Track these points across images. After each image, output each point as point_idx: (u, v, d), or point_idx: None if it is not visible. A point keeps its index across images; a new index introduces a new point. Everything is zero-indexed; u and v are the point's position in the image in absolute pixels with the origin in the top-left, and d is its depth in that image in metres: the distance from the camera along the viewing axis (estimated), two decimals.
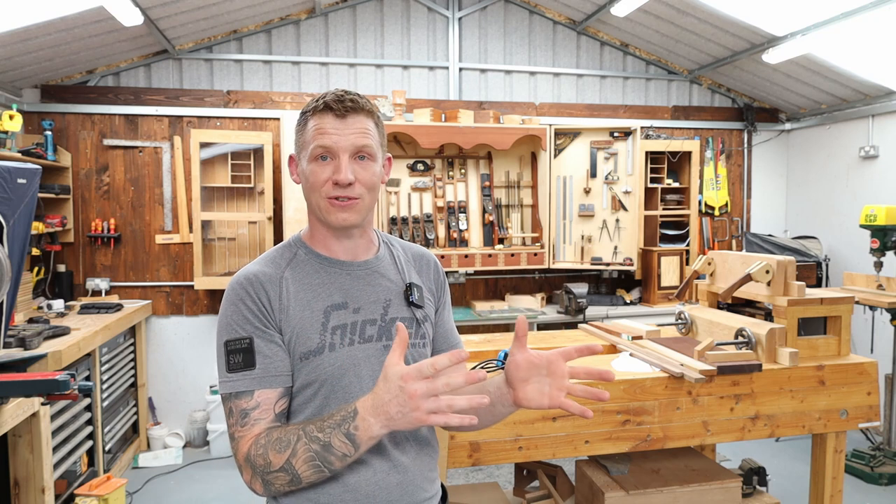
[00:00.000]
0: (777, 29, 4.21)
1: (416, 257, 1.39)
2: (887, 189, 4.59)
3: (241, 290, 1.19)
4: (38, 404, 2.49)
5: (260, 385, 1.15)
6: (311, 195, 1.22)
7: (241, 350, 1.16)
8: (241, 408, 1.15)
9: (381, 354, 1.22)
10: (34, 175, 2.53)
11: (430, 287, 1.36)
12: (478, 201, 4.78)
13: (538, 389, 1.14)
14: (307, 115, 1.22)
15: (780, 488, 3.55)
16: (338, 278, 1.25)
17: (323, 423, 1.09)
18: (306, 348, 1.18)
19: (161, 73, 4.58)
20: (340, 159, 1.18)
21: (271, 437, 1.11)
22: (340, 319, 1.21)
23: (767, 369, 2.24)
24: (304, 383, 1.18)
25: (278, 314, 1.18)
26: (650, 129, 5.17)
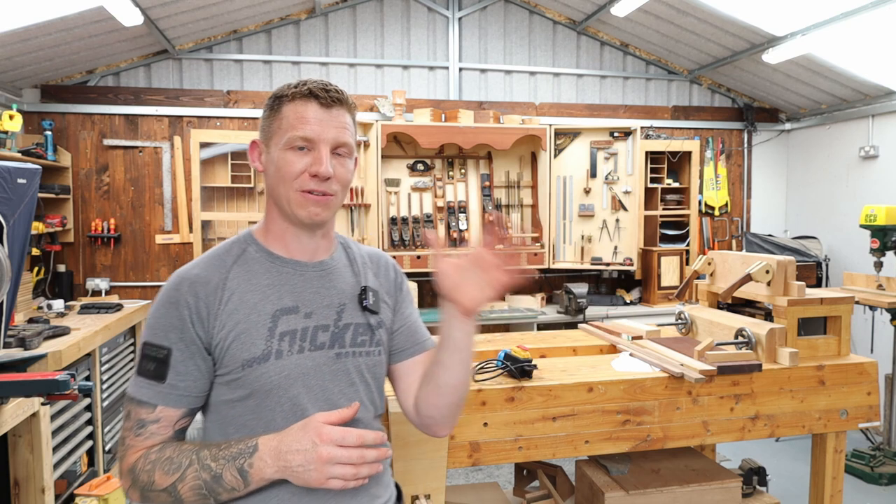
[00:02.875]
0: (777, 29, 4.21)
1: (372, 259, 1.32)
2: (887, 189, 4.59)
3: (174, 293, 1.11)
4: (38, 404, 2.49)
5: (164, 401, 1.09)
6: (281, 186, 1.13)
7: (156, 359, 1.09)
8: (139, 416, 1.09)
9: (332, 363, 1.15)
10: (34, 175, 2.53)
11: (387, 289, 1.30)
12: (478, 201, 4.78)
13: (477, 287, 1.09)
14: (282, 100, 1.14)
15: (780, 488, 3.55)
16: (289, 279, 1.17)
17: (219, 451, 1.04)
18: (250, 355, 1.09)
19: (161, 73, 4.58)
20: (321, 151, 1.11)
21: (162, 455, 1.05)
22: (290, 325, 1.13)
23: (767, 369, 2.23)
24: (247, 393, 1.10)
25: (211, 321, 1.09)
26: (650, 129, 5.17)
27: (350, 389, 1.17)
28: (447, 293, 1.10)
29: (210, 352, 1.11)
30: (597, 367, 2.24)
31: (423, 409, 1.23)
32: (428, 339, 1.34)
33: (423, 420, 1.25)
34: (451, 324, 1.13)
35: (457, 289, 1.09)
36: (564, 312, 4.57)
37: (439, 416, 1.23)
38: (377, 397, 1.24)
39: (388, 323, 1.27)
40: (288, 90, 1.14)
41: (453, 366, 1.16)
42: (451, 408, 1.22)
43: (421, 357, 1.30)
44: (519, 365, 2.03)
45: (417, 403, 1.25)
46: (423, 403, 1.23)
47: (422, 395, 1.23)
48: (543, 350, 2.47)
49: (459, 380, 1.18)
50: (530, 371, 2.04)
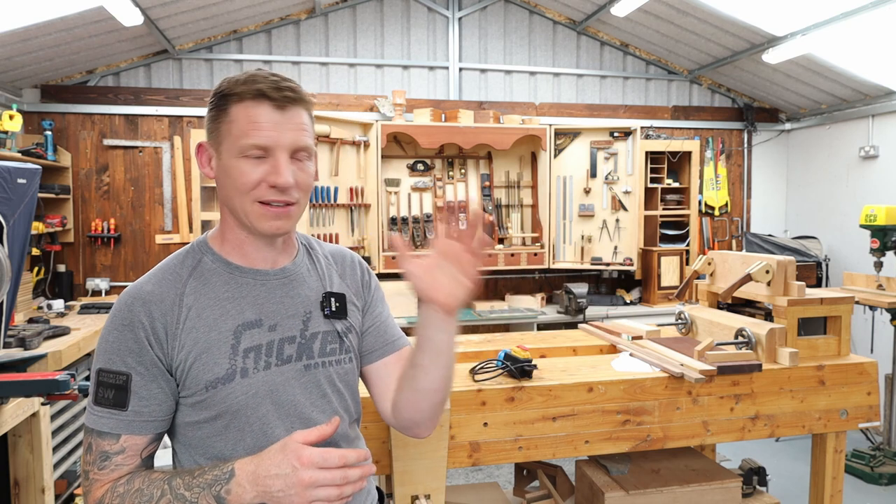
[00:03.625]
0: (777, 29, 4.21)
1: (336, 259, 1.24)
2: (887, 189, 4.59)
3: (127, 314, 1.03)
4: (38, 404, 2.49)
5: (128, 430, 1.01)
6: (236, 197, 1.04)
7: (115, 386, 1.01)
8: (102, 449, 1.01)
9: (301, 376, 1.09)
10: (34, 175, 2.53)
11: (356, 290, 1.23)
12: (478, 201, 4.78)
13: (452, 281, 1.02)
14: (230, 100, 1.03)
15: (780, 488, 3.55)
16: (251, 290, 1.09)
17: (193, 479, 0.97)
18: (213, 375, 1.02)
19: (161, 73, 4.58)
20: (279, 159, 1.02)
21: (131, 487, 0.99)
22: (254, 340, 1.06)
23: (767, 369, 2.24)
24: (214, 414, 1.04)
25: (170, 342, 1.02)
26: (650, 129, 5.17)
27: (322, 401, 1.12)
28: (422, 293, 1.03)
29: (171, 373, 1.04)
30: (597, 367, 2.24)
31: (404, 412, 1.17)
32: (400, 338, 1.27)
33: (403, 423, 1.19)
34: (431, 324, 1.06)
35: (431, 287, 1.02)
36: (564, 312, 4.57)
37: (420, 419, 1.17)
38: (351, 404, 1.19)
39: (358, 326, 1.21)
40: (235, 87, 1.03)
41: (434, 369, 1.09)
42: (432, 410, 1.16)
43: (393, 357, 1.24)
44: (519, 365, 2.03)
45: (396, 407, 1.19)
46: (402, 407, 1.17)
47: (401, 398, 1.17)
48: (543, 350, 2.47)
49: (441, 383, 1.12)
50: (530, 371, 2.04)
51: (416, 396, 1.14)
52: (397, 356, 1.24)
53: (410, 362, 1.13)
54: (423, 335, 1.08)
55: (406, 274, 1.03)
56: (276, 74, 1.06)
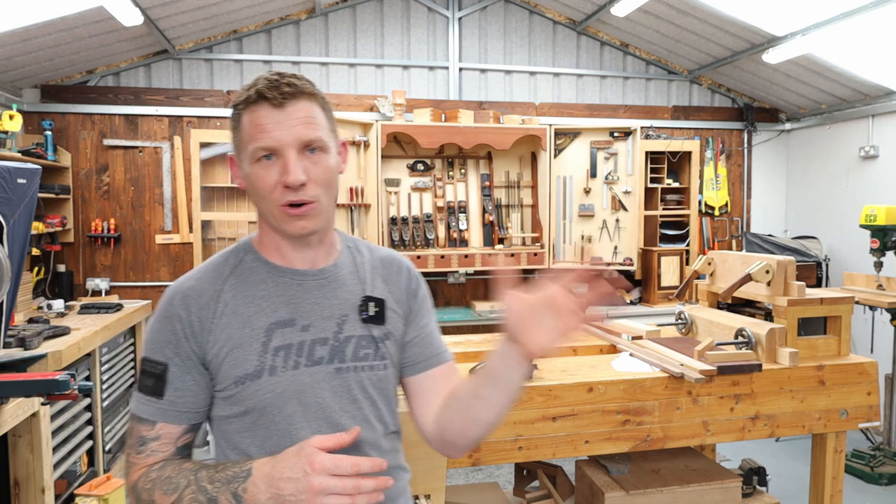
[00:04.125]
0: (777, 29, 4.21)
1: (384, 263, 1.21)
2: (887, 189, 4.59)
3: (168, 307, 1.07)
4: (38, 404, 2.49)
5: (164, 418, 1.05)
6: (261, 203, 1.05)
7: (154, 375, 1.05)
8: (140, 434, 1.06)
9: (331, 379, 1.07)
10: (34, 175, 2.53)
11: (399, 297, 1.19)
12: (478, 201, 4.78)
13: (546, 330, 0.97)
14: (240, 110, 1.05)
15: (780, 488, 3.55)
16: (286, 290, 1.09)
17: (216, 472, 0.98)
18: (242, 371, 1.04)
19: (161, 73, 4.58)
20: (286, 157, 1.01)
21: (162, 474, 1.02)
22: (285, 339, 1.06)
23: (767, 369, 2.24)
24: (243, 410, 1.05)
25: (205, 336, 1.05)
26: (650, 129, 5.17)
27: (352, 407, 1.09)
28: (512, 333, 0.99)
29: (206, 367, 1.07)
30: (597, 367, 2.24)
31: (448, 434, 1.15)
32: (445, 352, 1.24)
33: (441, 442, 1.17)
34: (506, 363, 1.02)
35: (524, 330, 0.98)
36: None
37: (462, 444, 1.15)
38: (386, 414, 1.15)
39: (398, 333, 1.17)
40: (241, 96, 1.05)
41: (497, 405, 1.07)
42: (477, 439, 1.14)
43: (437, 370, 1.21)
44: None
45: (441, 426, 1.16)
46: (449, 429, 1.15)
47: (449, 420, 1.14)
48: None
49: (498, 418, 1.10)
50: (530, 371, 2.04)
51: (468, 424, 1.11)
52: (441, 370, 1.22)
53: (471, 391, 1.10)
54: (494, 370, 1.05)
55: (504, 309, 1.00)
56: (277, 72, 1.05)
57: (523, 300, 0.98)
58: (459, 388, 1.16)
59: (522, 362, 1.02)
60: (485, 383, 1.07)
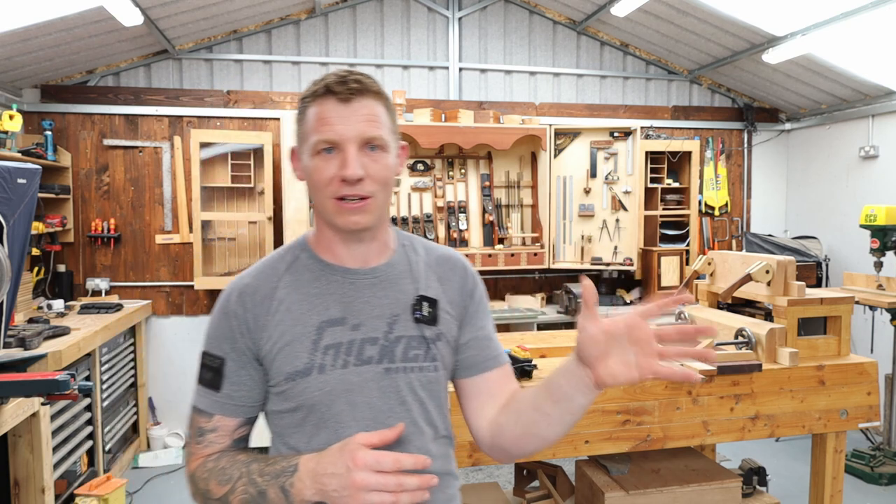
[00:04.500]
0: (777, 29, 4.21)
1: (440, 262, 1.20)
2: (887, 189, 4.59)
3: (227, 304, 1.09)
4: (38, 404, 2.49)
5: (220, 410, 1.08)
6: (317, 195, 1.06)
7: (212, 368, 1.08)
8: (199, 424, 1.09)
9: (380, 379, 1.07)
10: (34, 175, 2.53)
11: (452, 297, 1.17)
12: (478, 201, 4.78)
13: (623, 361, 0.95)
14: (307, 103, 1.07)
15: (780, 488, 3.55)
16: (338, 288, 1.10)
17: (266, 466, 1.01)
18: (293, 368, 1.05)
19: (161, 73, 4.58)
20: (347, 151, 1.02)
21: (218, 465, 1.05)
22: (335, 337, 1.07)
23: (767, 369, 2.24)
24: (293, 406, 1.07)
25: (260, 332, 1.07)
26: (650, 129, 5.17)
27: (401, 408, 1.08)
28: (584, 355, 0.97)
29: (260, 362, 1.09)
30: None
31: (503, 442, 1.14)
32: (501, 355, 1.22)
33: (494, 449, 1.16)
34: (575, 385, 1.00)
35: (598, 356, 0.96)
36: (564, 312, 4.57)
37: (516, 454, 1.15)
38: (436, 417, 1.13)
39: (451, 335, 1.15)
40: (309, 90, 1.07)
41: (558, 423, 1.06)
42: (532, 452, 1.13)
43: (494, 374, 1.19)
44: (519, 365, 2.03)
45: (497, 432, 1.14)
46: (505, 438, 1.14)
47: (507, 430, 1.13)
48: (543, 350, 2.47)
49: (557, 436, 1.09)
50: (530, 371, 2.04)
51: (526, 437, 1.11)
52: (498, 373, 1.20)
53: (534, 405, 1.08)
54: (561, 389, 1.03)
55: (580, 329, 0.98)
56: (346, 69, 1.07)
57: (604, 328, 0.96)
58: (522, 398, 1.14)
59: (592, 388, 0.99)
60: (548, 399, 1.05)
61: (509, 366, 1.23)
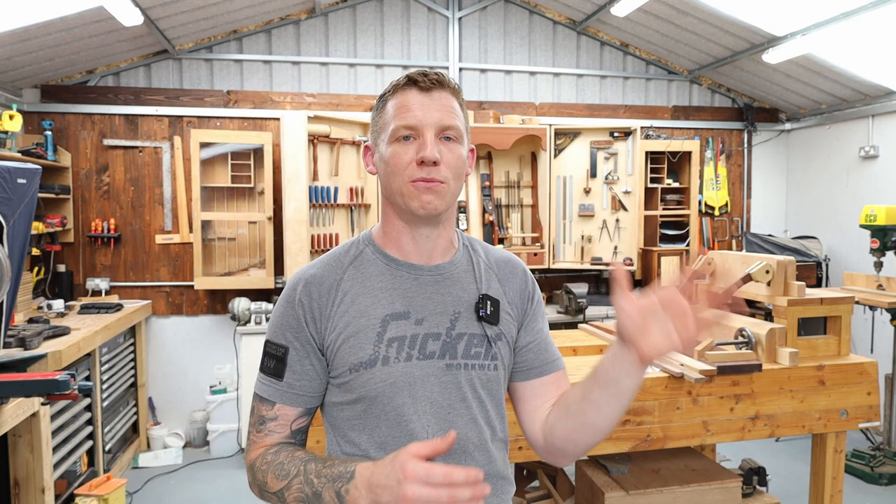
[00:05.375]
0: (777, 29, 4.21)
1: (500, 264, 1.22)
2: (887, 189, 4.59)
3: (291, 293, 1.12)
4: (38, 404, 2.49)
5: (282, 399, 1.10)
6: (393, 180, 1.08)
7: (276, 357, 1.10)
8: (261, 413, 1.11)
9: (442, 374, 1.08)
10: (34, 175, 2.53)
11: (512, 299, 1.19)
12: (478, 201, 4.78)
13: (663, 332, 0.94)
14: (386, 97, 1.11)
15: (780, 488, 3.55)
16: (403, 283, 1.12)
17: (323, 467, 1.00)
18: (357, 359, 1.07)
19: (161, 73, 4.58)
20: (425, 137, 1.05)
21: (277, 458, 1.06)
22: (399, 331, 1.08)
23: (767, 369, 2.24)
24: (355, 398, 1.08)
25: (324, 322, 1.09)
26: (650, 129, 5.17)
27: (461, 405, 1.09)
28: (625, 334, 0.97)
29: (323, 353, 1.10)
30: None
31: (557, 441, 1.13)
32: (559, 359, 1.23)
33: (551, 449, 1.16)
34: (620, 367, 0.99)
35: (640, 333, 0.95)
36: (564, 312, 4.57)
37: (572, 451, 1.14)
38: (494, 417, 1.14)
39: (511, 336, 1.17)
40: (390, 86, 1.12)
41: (609, 410, 1.05)
42: (588, 446, 1.12)
43: (550, 377, 1.20)
44: None
45: (551, 433, 1.14)
46: (558, 436, 1.13)
47: (558, 427, 1.13)
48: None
49: (610, 424, 1.08)
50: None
51: (578, 430, 1.10)
52: (554, 377, 1.21)
53: (582, 395, 1.08)
54: (607, 373, 1.03)
55: (617, 309, 0.98)
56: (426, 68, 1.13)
57: (640, 305, 0.96)
58: (569, 393, 1.15)
59: (638, 366, 0.98)
60: (596, 387, 1.05)
61: (565, 371, 1.23)
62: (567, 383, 1.22)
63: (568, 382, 1.22)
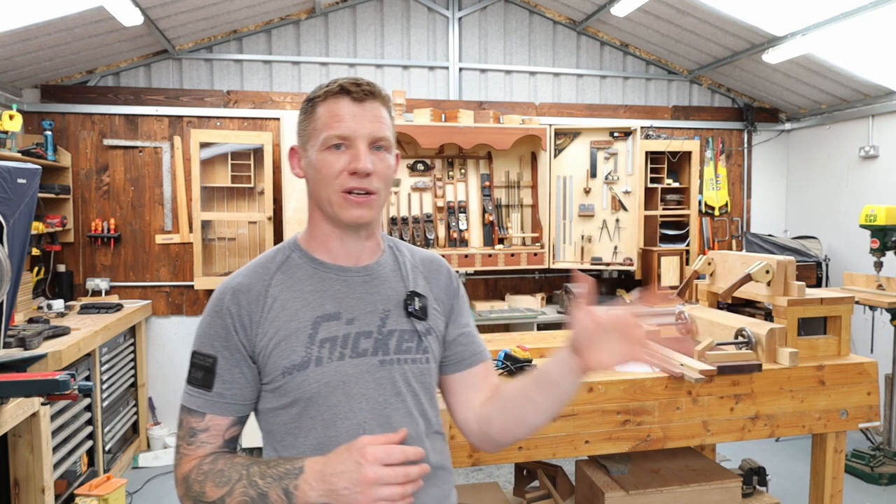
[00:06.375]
0: (777, 29, 4.21)
1: (425, 263, 1.26)
2: (887, 189, 4.59)
3: (218, 302, 1.12)
4: (38, 404, 2.49)
5: (212, 410, 1.09)
6: (322, 188, 1.10)
7: (203, 367, 1.10)
8: (190, 425, 1.09)
9: (376, 370, 1.11)
10: (34, 175, 2.53)
11: (438, 295, 1.24)
12: (478, 201, 4.78)
13: (609, 350, 1.03)
14: (316, 101, 1.12)
15: (780, 488, 3.55)
16: (332, 285, 1.13)
17: (268, 468, 1.01)
18: (290, 362, 1.07)
19: (161, 73, 4.58)
20: (358, 147, 1.07)
21: (214, 467, 1.05)
22: (331, 331, 1.10)
23: (767, 369, 2.24)
24: (289, 401, 1.09)
25: (254, 329, 1.09)
26: (650, 129, 5.17)
27: (397, 399, 1.12)
28: (578, 347, 1.05)
29: (254, 360, 1.10)
30: None
31: (493, 433, 1.20)
32: (485, 350, 1.29)
33: (485, 439, 1.22)
34: (564, 372, 1.08)
35: (588, 344, 1.04)
36: (564, 312, 4.57)
37: (504, 441, 1.21)
38: (429, 410, 1.17)
39: (439, 331, 1.21)
40: (320, 90, 1.12)
41: (547, 409, 1.14)
42: (521, 438, 1.21)
43: (478, 368, 1.26)
44: (519, 365, 2.03)
45: (485, 423, 1.21)
46: (494, 428, 1.20)
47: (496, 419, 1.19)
48: (543, 350, 2.47)
49: (545, 422, 1.16)
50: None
51: (514, 425, 1.17)
52: (483, 367, 1.27)
53: (522, 394, 1.15)
54: (550, 376, 1.11)
55: (575, 321, 1.06)
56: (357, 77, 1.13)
57: (594, 317, 1.04)
58: (508, 389, 1.20)
59: (580, 374, 1.07)
60: (536, 388, 1.13)
61: (491, 361, 1.31)
62: (494, 373, 1.30)
63: (494, 372, 1.31)
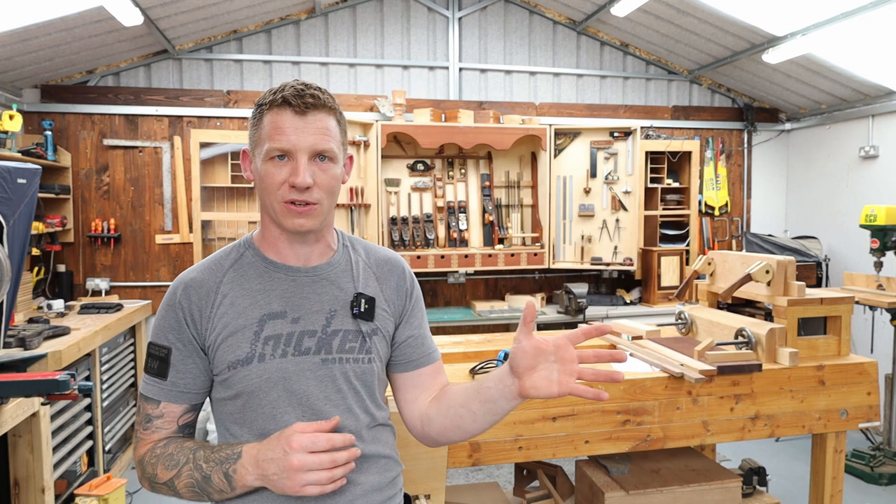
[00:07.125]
0: (777, 29, 4.21)
1: (379, 263, 1.28)
2: (887, 189, 4.59)
3: (172, 297, 1.16)
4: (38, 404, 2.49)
5: (167, 398, 1.15)
6: (266, 197, 1.13)
7: (159, 358, 1.15)
8: (146, 411, 1.16)
9: (317, 368, 1.14)
10: (34, 175, 2.53)
11: (389, 296, 1.26)
12: (478, 201, 4.78)
13: (546, 377, 1.06)
14: (263, 109, 1.13)
15: (780, 488, 3.55)
16: (280, 284, 1.17)
17: (211, 453, 1.09)
18: (235, 357, 1.12)
19: (161, 73, 4.58)
20: (298, 161, 1.09)
21: (166, 451, 1.12)
22: (275, 329, 1.14)
23: (767, 369, 2.24)
24: (234, 394, 1.14)
25: (205, 323, 1.13)
26: (650, 129, 5.17)
27: (337, 396, 1.15)
28: (515, 368, 1.08)
29: (205, 352, 1.15)
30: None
31: (433, 432, 1.25)
32: (435, 351, 1.33)
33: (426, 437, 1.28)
34: (502, 391, 1.12)
35: (526, 369, 1.07)
36: (564, 312, 4.57)
37: (443, 441, 1.27)
38: (370, 405, 1.21)
39: (387, 331, 1.24)
40: (267, 97, 1.13)
41: (483, 421, 1.17)
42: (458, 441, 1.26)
43: (428, 369, 1.30)
44: None
45: (427, 422, 1.25)
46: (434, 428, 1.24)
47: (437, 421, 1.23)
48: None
49: (482, 430, 1.20)
50: None
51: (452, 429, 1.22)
52: (431, 368, 1.31)
53: (461, 402, 1.19)
54: (489, 391, 1.14)
55: (515, 342, 1.08)
56: (303, 83, 1.12)
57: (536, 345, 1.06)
58: (452, 394, 1.24)
59: (516, 396, 1.10)
60: (475, 399, 1.17)
61: (440, 362, 1.34)
62: (442, 374, 1.33)
63: (443, 373, 1.34)
